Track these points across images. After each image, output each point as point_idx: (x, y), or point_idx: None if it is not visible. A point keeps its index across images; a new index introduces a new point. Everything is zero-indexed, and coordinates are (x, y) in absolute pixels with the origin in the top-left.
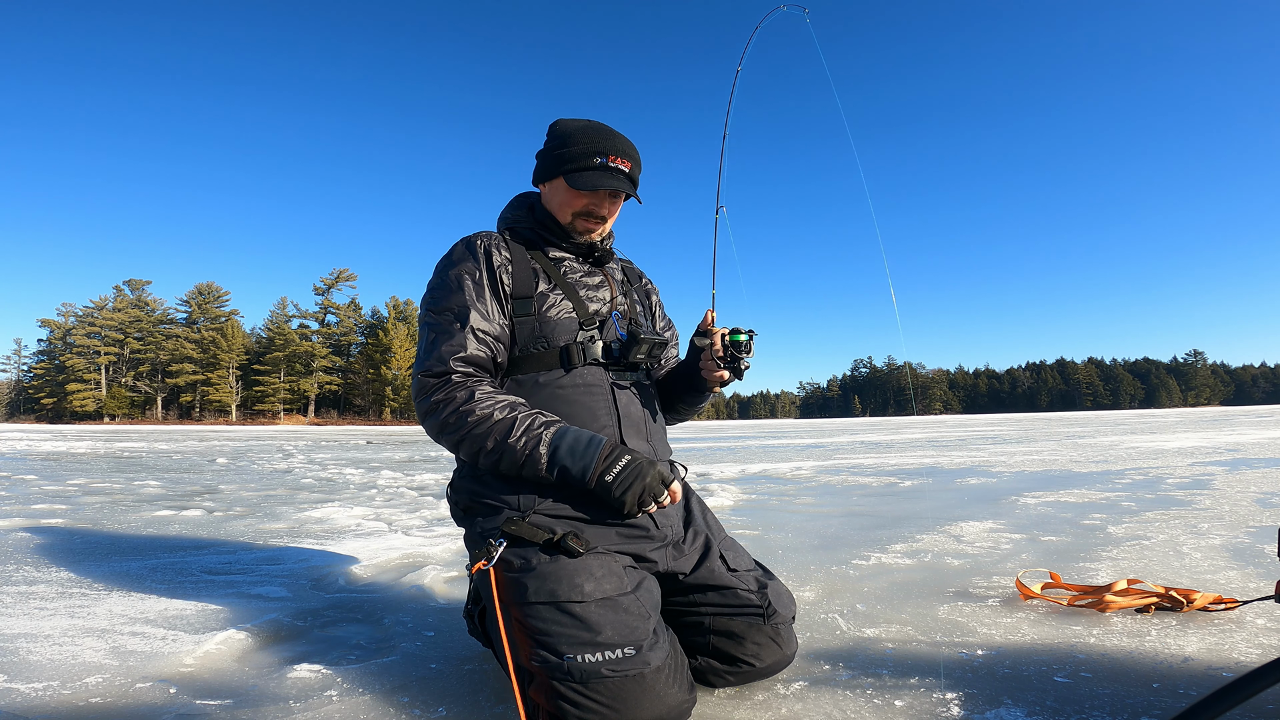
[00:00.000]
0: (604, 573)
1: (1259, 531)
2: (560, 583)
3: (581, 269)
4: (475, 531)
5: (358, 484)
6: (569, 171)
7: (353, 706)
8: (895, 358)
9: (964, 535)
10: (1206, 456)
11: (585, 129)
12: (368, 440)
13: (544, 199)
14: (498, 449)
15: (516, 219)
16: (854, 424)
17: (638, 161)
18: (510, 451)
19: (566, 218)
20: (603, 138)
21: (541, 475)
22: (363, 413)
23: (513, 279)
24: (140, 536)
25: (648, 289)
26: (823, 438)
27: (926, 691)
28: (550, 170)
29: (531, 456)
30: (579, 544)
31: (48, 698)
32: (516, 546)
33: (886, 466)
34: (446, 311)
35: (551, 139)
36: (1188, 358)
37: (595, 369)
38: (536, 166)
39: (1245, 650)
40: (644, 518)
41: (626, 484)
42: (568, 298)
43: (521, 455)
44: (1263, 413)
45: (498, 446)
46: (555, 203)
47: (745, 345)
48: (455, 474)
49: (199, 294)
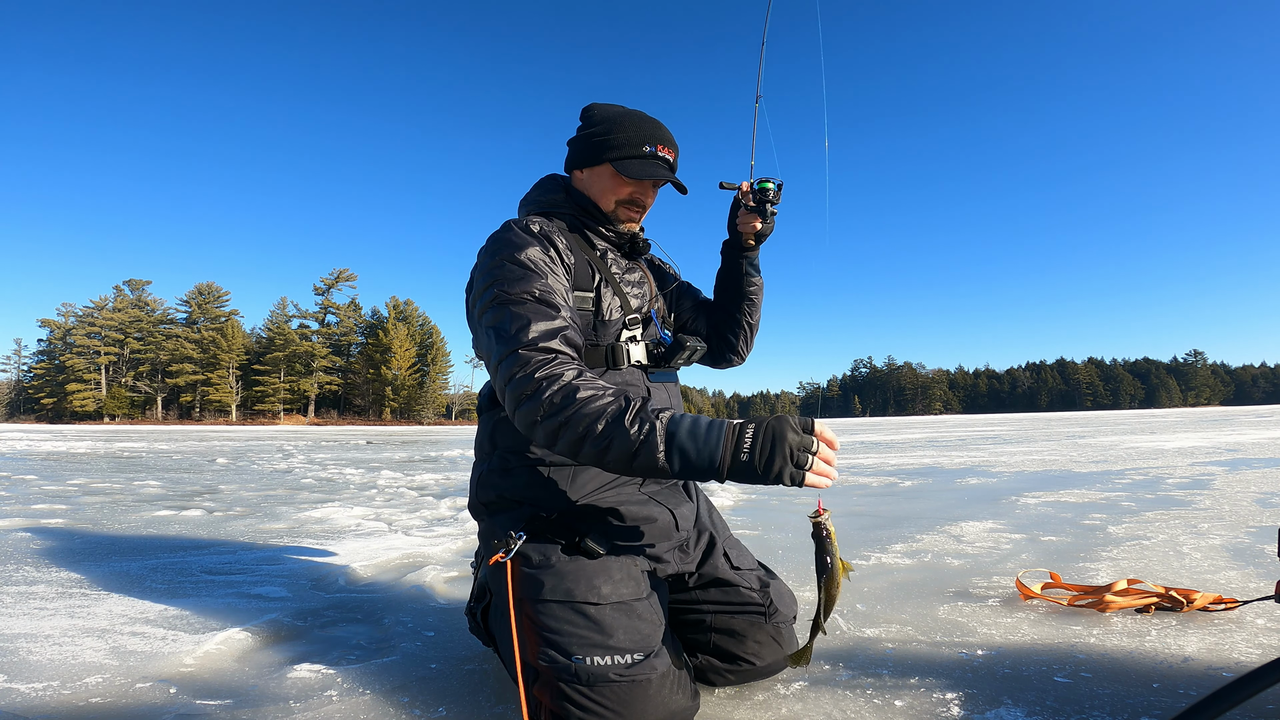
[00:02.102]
0: (622, 576)
1: (1259, 531)
2: (578, 582)
3: (623, 263)
4: (496, 525)
5: (358, 484)
6: (617, 159)
7: (353, 706)
8: (895, 358)
9: (964, 535)
10: (1206, 456)
11: (630, 116)
12: (368, 440)
13: (580, 183)
14: (608, 432)
15: (554, 202)
16: (854, 424)
17: (679, 151)
18: (622, 436)
19: (609, 205)
20: (650, 126)
21: (659, 466)
22: (363, 413)
23: (574, 270)
24: (140, 536)
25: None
26: None
27: (926, 691)
28: (593, 155)
29: (648, 442)
30: (601, 544)
31: (48, 698)
32: (537, 542)
33: (886, 466)
34: (526, 294)
35: (591, 124)
36: (1188, 358)
37: (634, 370)
38: (573, 151)
39: (1245, 650)
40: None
41: (767, 455)
42: (616, 294)
43: (636, 441)
44: (1263, 413)
45: (608, 430)
46: (596, 189)
47: (772, 194)
48: (478, 469)
49: (199, 294)
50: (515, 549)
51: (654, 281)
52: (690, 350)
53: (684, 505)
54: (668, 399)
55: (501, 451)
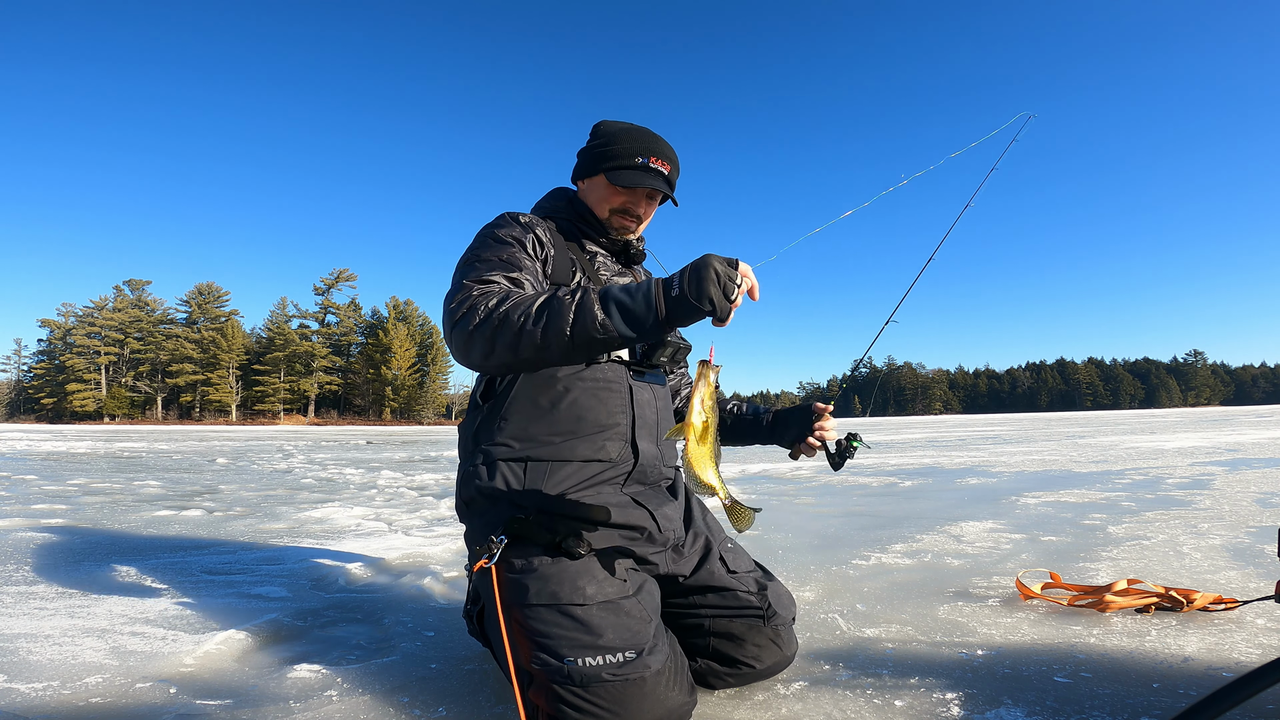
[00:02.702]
0: (606, 575)
1: (1259, 531)
2: (562, 585)
3: (614, 268)
4: (477, 529)
5: (358, 484)
6: (610, 169)
7: (353, 706)
8: (895, 358)
9: (964, 535)
10: (1206, 456)
11: (630, 130)
12: (368, 440)
13: (582, 194)
14: (543, 309)
15: (555, 209)
16: (854, 424)
17: (677, 166)
18: (557, 307)
19: (604, 213)
20: (646, 139)
21: (599, 322)
22: (363, 413)
23: (553, 264)
24: (140, 536)
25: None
26: None
27: (926, 691)
28: (591, 166)
29: (583, 304)
30: (580, 545)
31: (48, 698)
32: (518, 545)
33: (886, 466)
34: (492, 257)
35: (595, 137)
36: (1188, 358)
37: (616, 366)
38: (578, 163)
39: (1245, 650)
40: (648, 521)
41: (695, 285)
42: None
43: (570, 306)
44: (1263, 413)
45: (543, 307)
46: (594, 198)
47: (853, 451)
48: (465, 467)
49: (199, 294)
50: (497, 555)
51: None
52: (673, 348)
53: (667, 505)
54: (652, 399)
55: (483, 449)
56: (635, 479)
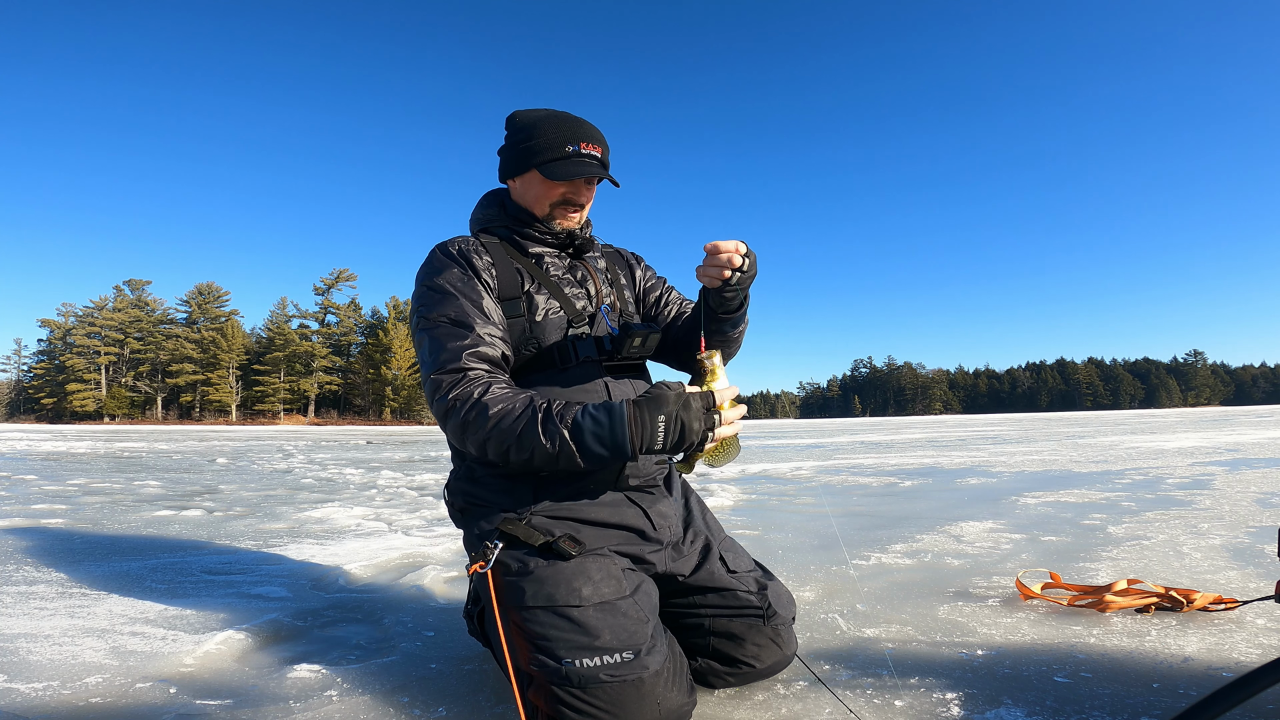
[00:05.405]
0: (602, 576)
1: (1259, 531)
2: (558, 587)
3: (563, 264)
4: (473, 533)
5: (358, 484)
6: (543, 163)
7: (353, 706)
8: (895, 358)
9: (964, 535)
10: (1206, 456)
11: (550, 118)
12: (368, 440)
13: (515, 194)
14: (528, 444)
15: (489, 217)
16: (854, 424)
17: (606, 146)
18: (540, 449)
19: (544, 210)
20: (571, 125)
21: (581, 468)
22: (363, 413)
23: (497, 281)
24: (140, 536)
25: (630, 263)
26: (823, 438)
27: (926, 691)
28: (520, 164)
29: (564, 452)
30: (573, 547)
31: (48, 698)
32: (513, 549)
33: (886, 466)
34: (442, 318)
35: (515, 132)
36: (1188, 358)
37: (589, 366)
38: (502, 161)
39: (1245, 650)
40: (642, 519)
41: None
42: (554, 296)
43: (553, 452)
44: (1263, 413)
45: (527, 442)
46: (530, 196)
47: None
48: (451, 475)
49: (199, 294)
50: (494, 559)
51: (613, 276)
52: (640, 337)
53: (661, 503)
54: (633, 395)
55: (470, 458)
56: (626, 477)
